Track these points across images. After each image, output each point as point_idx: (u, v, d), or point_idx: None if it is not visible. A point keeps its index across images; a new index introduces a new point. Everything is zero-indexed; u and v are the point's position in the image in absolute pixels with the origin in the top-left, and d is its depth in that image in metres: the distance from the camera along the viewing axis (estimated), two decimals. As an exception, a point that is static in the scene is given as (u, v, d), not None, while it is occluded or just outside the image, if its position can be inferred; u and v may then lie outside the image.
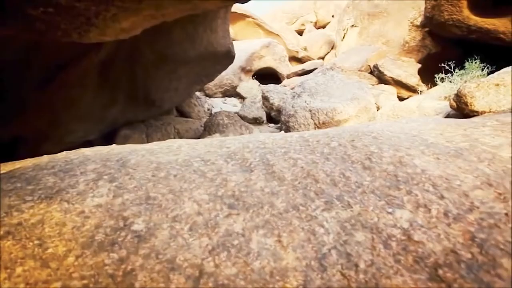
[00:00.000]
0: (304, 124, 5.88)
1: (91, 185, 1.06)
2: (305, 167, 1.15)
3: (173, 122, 6.25)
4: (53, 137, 4.96)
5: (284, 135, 2.12)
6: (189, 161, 1.30)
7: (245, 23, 13.44)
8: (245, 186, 1.04)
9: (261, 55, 11.31)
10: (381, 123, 2.08)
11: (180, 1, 2.04)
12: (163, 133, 5.92)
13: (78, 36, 2.01)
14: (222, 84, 9.96)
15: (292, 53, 13.66)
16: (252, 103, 7.66)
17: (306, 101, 6.25)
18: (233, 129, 5.29)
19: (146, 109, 5.73)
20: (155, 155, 1.44)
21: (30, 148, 4.80)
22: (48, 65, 3.86)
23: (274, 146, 1.55)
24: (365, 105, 5.99)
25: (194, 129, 6.08)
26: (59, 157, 1.49)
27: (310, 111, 5.96)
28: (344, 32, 13.99)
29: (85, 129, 5.28)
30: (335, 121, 5.72)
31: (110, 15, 1.90)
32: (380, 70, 9.19)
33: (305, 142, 1.55)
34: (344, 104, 5.90)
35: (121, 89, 5.15)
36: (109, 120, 5.47)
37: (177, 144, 1.81)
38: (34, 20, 1.86)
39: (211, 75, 6.32)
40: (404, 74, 8.97)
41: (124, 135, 5.63)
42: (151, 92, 5.36)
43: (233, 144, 1.67)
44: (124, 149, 1.61)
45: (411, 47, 10.30)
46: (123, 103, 5.36)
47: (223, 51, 5.69)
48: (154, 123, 6.08)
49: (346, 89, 6.61)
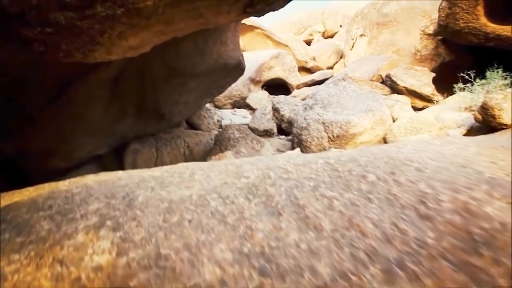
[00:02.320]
0: (317, 137, 5.67)
1: (92, 236, 0.89)
2: (345, 211, 0.97)
3: (183, 135, 6.14)
4: (62, 152, 4.88)
5: (305, 158, 1.93)
6: (205, 198, 1.13)
7: (254, 34, 13.47)
8: (275, 238, 0.86)
9: (270, 65, 11.25)
10: (412, 145, 1.88)
11: (191, 16, 1.89)
12: (173, 147, 5.80)
13: (82, 56, 1.87)
14: (231, 96, 9.89)
15: (301, 63, 13.57)
16: (262, 114, 7.52)
17: (318, 113, 6.06)
18: (244, 143, 5.13)
19: (155, 123, 5.64)
20: (165, 189, 1.27)
21: (38, 163, 4.75)
22: (56, 81, 3.79)
23: (299, 176, 1.36)
24: (380, 117, 5.77)
25: (204, 142, 5.94)
26: (61, 188, 1.34)
27: (323, 124, 5.76)
28: (353, 41, 13.90)
29: (94, 143, 5.20)
30: (349, 134, 5.50)
31: (117, 33, 1.76)
32: (393, 80, 8.96)
33: (334, 171, 1.36)
34: (359, 116, 5.69)
35: (130, 102, 5.08)
36: (118, 134, 5.39)
37: (190, 171, 1.64)
38: (31, 41, 1.70)
39: (222, 88, 6.22)
40: (418, 83, 8.72)
41: (133, 149, 5.53)
42: (160, 106, 5.27)
43: (251, 172, 1.49)
44: (132, 179, 1.45)
45: (424, 55, 10.11)
46: (132, 116, 5.28)
47: (234, 63, 5.60)
48: (164, 136, 5.97)
49: (359, 100, 6.40)
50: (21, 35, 1.68)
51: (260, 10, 2.01)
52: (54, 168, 5.01)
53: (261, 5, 1.93)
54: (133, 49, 2.11)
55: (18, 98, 3.53)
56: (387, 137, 5.57)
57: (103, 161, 5.69)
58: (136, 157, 5.52)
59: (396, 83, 8.73)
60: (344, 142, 5.54)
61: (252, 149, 5.23)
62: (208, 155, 5.21)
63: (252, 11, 1.98)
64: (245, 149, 5.06)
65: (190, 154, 5.76)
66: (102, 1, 1.49)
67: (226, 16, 2.06)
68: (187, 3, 1.73)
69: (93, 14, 1.56)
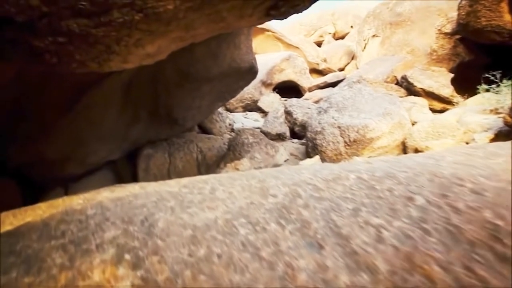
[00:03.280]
0: (333, 142, 5.50)
1: (109, 274, 0.78)
2: (400, 246, 0.83)
3: (196, 140, 6.07)
4: (76, 158, 4.88)
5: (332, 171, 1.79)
6: (232, 224, 1.01)
7: (264, 37, 13.39)
8: (322, 281, 0.73)
9: (281, 68, 11.13)
10: (452, 158, 1.71)
11: (212, 20, 1.77)
12: (186, 152, 5.74)
13: (97, 66, 1.76)
14: (243, 99, 9.80)
15: (313, 65, 13.39)
16: (275, 118, 7.39)
17: (333, 117, 5.88)
18: (259, 148, 5.01)
19: (168, 128, 5.60)
20: (186, 210, 1.16)
21: (52, 170, 4.76)
22: (74, 88, 3.78)
23: (333, 195, 1.23)
24: (399, 121, 5.54)
25: (217, 147, 5.86)
26: (75, 207, 1.24)
27: (339, 128, 5.58)
28: (365, 42, 13.65)
29: (108, 149, 5.19)
30: (367, 138, 5.30)
31: (134, 40, 1.64)
32: (409, 81, 8.69)
33: (371, 190, 1.22)
34: (376, 120, 5.48)
35: (144, 107, 5.05)
36: (131, 139, 5.37)
37: (210, 187, 1.53)
38: (42, 52, 1.57)
39: (234, 92, 6.14)
40: (435, 84, 8.42)
41: (146, 155, 5.49)
42: (173, 111, 5.22)
43: (277, 189, 1.37)
44: (149, 197, 1.34)
45: (441, 55, 9.80)
46: (145, 121, 5.25)
47: (247, 67, 5.50)
48: (176, 141, 5.92)
49: (376, 103, 6.19)
50: (31, 45, 1.56)
51: (284, 13, 1.88)
52: (69, 175, 5.02)
53: (286, 7, 1.80)
54: (150, 57, 2.01)
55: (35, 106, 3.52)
56: (407, 141, 5.34)
57: (116, 167, 5.67)
58: (149, 162, 5.48)
59: (412, 84, 8.46)
60: (361, 147, 5.35)
61: (267, 154, 5.10)
62: (221, 160, 5.11)
63: (275, 14, 1.85)
64: (259, 155, 4.93)
65: (203, 159, 5.68)
66: (119, 6, 1.38)
67: (248, 20, 1.94)
68: (209, 6, 1.61)
69: (109, 21, 1.45)
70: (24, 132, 3.79)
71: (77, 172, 5.21)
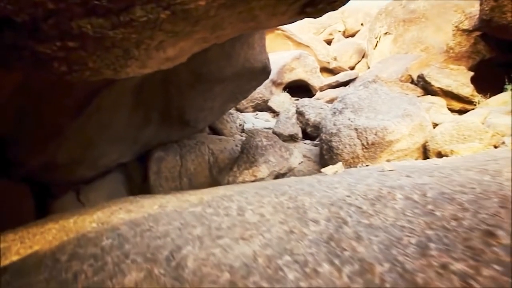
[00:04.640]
0: (350, 145, 5.28)
1: None
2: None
3: (207, 141, 5.94)
4: (88, 161, 4.80)
5: (369, 187, 1.62)
6: (277, 265, 0.84)
7: (274, 36, 13.18)
8: None
9: (292, 67, 10.92)
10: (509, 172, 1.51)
11: (243, 19, 1.57)
12: (197, 154, 5.61)
13: (112, 73, 1.53)
14: (253, 99, 9.64)
15: (323, 64, 13.13)
16: (287, 118, 7.20)
17: (349, 119, 5.66)
18: (273, 151, 4.84)
19: (179, 129, 5.47)
20: (217, 242, 0.99)
21: (64, 173, 4.69)
22: (85, 91, 3.69)
23: (385, 223, 1.06)
24: (419, 122, 5.29)
25: (229, 149, 5.71)
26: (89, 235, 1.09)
27: (355, 130, 5.36)
28: (377, 40, 13.33)
29: (119, 151, 5.10)
30: (386, 141, 5.07)
31: (156, 43, 1.45)
32: (426, 80, 8.38)
33: (431, 217, 1.04)
34: (395, 121, 5.24)
35: (155, 109, 4.94)
36: (142, 141, 5.27)
37: (236, 205, 1.37)
38: (49, 59, 1.29)
39: (247, 92, 5.97)
40: (454, 83, 8.09)
41: (158, 157, 5.38)
42: (185, 112, 5.09)
43: (316, 212, 1.19)
44: (171, 220, 1.19)
45: (459, 53, 9.44)
46: (156, 123, 5.14)
47: (260, 67, 5.33)
48: (188, 143, 5.79)
49: (394, 103, 5.94)
50: (35, 52, 1.29)
51: (321, 10, 1.68)
52: (80, 178, 4.95)
53: (323, 4, 1.61)
54: (170, 61, 1.83)
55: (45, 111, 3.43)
56: (428, 145, 5.09)
57: (127, 169, 5.59)
58: (160, 165, 5.37)
59: (430, 83, 8.15)
60: (379, 150, 5.12)
61: (281, 157, 4.92)
62: (234, 163, 4.95)
63: (311, 11, 1.66)
64: (273, 158, 4.76)
65: (215, 162, 5.54)
66: (143, 2, 1.16)
67: (280, 18, 1.75)
68: (243, 3, 1.42)
69: (130, 20, 1.21)
70: (35, 137, 3.71)
71: (89, 175, 5.15)
